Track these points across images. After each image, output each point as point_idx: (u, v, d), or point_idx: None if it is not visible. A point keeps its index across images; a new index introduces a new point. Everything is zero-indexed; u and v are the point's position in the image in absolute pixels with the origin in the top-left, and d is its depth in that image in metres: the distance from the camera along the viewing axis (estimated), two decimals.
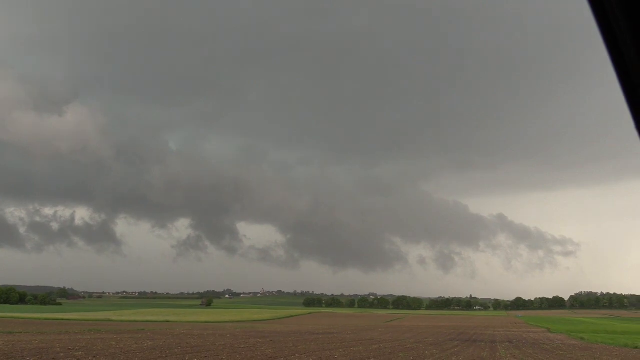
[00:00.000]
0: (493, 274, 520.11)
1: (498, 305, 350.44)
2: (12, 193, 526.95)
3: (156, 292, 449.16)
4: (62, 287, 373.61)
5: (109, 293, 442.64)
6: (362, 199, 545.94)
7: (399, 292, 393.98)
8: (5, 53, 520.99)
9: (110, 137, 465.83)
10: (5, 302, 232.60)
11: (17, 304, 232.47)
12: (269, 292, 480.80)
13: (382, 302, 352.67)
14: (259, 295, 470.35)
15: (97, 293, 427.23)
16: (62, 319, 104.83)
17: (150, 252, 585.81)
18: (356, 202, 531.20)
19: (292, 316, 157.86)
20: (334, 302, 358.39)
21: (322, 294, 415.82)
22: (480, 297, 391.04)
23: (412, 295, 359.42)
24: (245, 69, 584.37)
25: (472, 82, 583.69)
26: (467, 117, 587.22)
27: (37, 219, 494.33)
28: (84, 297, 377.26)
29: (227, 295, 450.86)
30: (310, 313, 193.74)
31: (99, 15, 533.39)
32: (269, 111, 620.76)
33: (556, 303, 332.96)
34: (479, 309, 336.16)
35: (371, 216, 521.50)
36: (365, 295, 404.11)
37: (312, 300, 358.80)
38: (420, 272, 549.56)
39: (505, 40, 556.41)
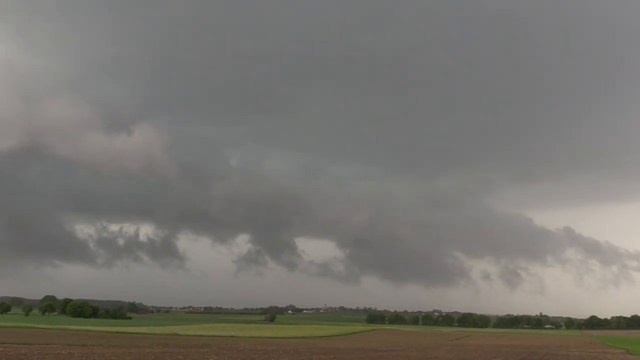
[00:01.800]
0: (563, 290, 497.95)
1: (571, 323, 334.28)
2: (81, 210, 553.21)
3: (221, 307, 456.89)
4: (132, 301, 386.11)
5: (176, 308, 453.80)
6: (421, 213, 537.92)
7: (463, 308, 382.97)
8: (78, 78, 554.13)
9: (174, 155, 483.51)
10: (79, 316, 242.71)
11: (90, 317, 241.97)
12: (331, 308, 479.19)
13: (446, 320, 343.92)
14: (322, 311, 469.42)
15: (164, 308, 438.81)
16: (132, 333, 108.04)
17: (211, 267, 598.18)
18: (416, 216, 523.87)
19: (355, 333, 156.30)
20: (397, 318, 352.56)
21: (385, 310, 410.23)
22: (551, 315, 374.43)
23: (477, 313, 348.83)
24: (303, 86, 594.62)
25: (535, 92, 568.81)
26: (531, 128, 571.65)
27: (105, 235, 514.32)
28: (152, 312, 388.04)
29: (289, 311, 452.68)
30: (374, 330, 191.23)
31: (163, 39, 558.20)
32: (326, 127, 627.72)
33: (635, 322, 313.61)
34: (550, 328, 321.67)
35: (431, 230, 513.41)
36: (429, 312, 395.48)
37: (374, 317, 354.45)
38: (485, 288, 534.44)
39: (568, 49, 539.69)
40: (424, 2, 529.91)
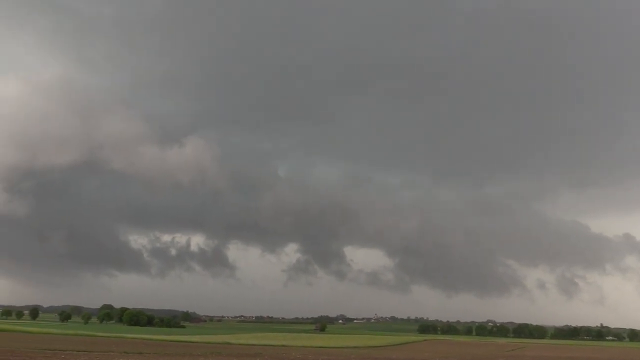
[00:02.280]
0: (625, 300, 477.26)
1: (635, 336, 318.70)
2: (135, 221, 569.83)
3: (272, 317, 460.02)
4: (186, 310, 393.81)
5: (228, 317, 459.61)
6: (471, 220, 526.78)
7: (518, 319, 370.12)
8: (132, 95, 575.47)
9: (223, 166, 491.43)
10: (135, 324, 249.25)
11: (145, 325, 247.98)
12: (382, 317, 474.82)
13: (501, 330, 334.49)
14: (373, 320, 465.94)
15: (217, 317, 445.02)
16: (186, 341, 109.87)
17: (261, 276, 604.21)
18: (465, 223, 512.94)
19: (407, 343, 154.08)
20: (450, 328, 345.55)
21: (437, 320, 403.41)
22: (612, 327, 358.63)
23: (533, 323, 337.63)
24: (349, 95, 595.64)
25: (589, 93, 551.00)
26: (584, 130, 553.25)
27: (157, 245, 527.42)
28: (205, 321, 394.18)
29: (340, 321, 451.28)
30: (426, 340, 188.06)
31: (211, 54, 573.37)
32: (373, 136, 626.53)
33: None
34: (612, 340, 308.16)
35: (482, 238, 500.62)
36: (483, 322, 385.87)
37: (426, 327, 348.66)
38: (541, 297, 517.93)
39: (623, 48, 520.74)
40: (467, 6, 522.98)
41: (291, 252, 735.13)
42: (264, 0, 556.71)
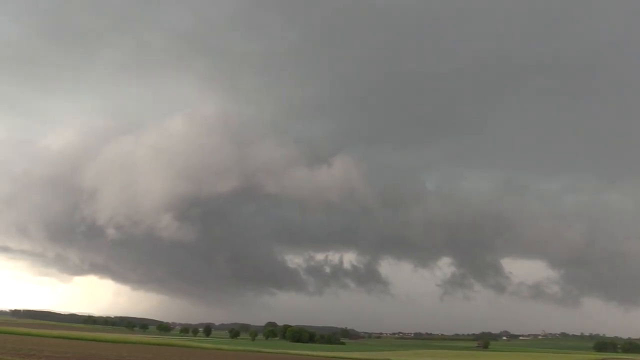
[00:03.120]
0: None
1: None
2: (290, 241, 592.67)
3: (430, 333, 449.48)
4: (344, 327, 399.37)
5: (386, 333, 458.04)
6: None
7: None
8: (282, 121, 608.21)
9: (371, 183, 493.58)
10: (297, 341, 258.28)
11: (307, 342, 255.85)
12: (550, 333, 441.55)
13: None
14: (540, 337, 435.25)
15: (375, 333, 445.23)
16: (347, 358, 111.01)
17: (416, 291, 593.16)
18: None
19: None
20: (633, 346, 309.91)
21: (616, 336, 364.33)
22: None
23: None
24: (496, 99, 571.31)
25: None
26: None
27: (312, 263, 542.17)
28: (364, 337, 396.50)
29: (504, 337, 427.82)
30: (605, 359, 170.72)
31: (353, 77, 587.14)
32: (525, 140, 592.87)
33: None
34: None
35: None
36: None
37: (604, 344, 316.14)
38: None
39: None
40: None
41: (444, 266, 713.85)
42: (400, 15, 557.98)
